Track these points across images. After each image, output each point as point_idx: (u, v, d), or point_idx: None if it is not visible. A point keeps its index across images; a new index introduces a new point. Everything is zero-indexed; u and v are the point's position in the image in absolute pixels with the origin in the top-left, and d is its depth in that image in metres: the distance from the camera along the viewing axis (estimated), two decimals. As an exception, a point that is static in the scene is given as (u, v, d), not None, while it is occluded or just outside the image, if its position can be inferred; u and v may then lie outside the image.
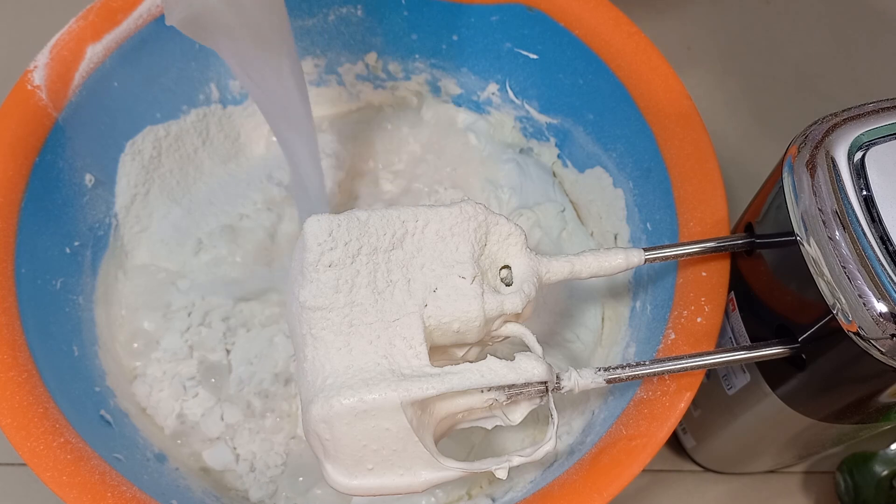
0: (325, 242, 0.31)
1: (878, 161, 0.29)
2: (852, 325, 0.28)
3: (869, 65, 0.60)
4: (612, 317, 0.45)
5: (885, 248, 0.27)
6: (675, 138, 0.40)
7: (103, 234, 0.46)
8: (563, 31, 0.44)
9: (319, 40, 0.49)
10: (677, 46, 0.60)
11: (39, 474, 0.34)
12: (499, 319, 0.33)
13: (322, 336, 0.31)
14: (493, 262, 0.34)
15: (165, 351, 0.45)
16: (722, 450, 0.45)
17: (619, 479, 0.33)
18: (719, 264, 0.37)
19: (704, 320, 0.36)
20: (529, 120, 0.50)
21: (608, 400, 0.38)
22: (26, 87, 0.41)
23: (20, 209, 0.39)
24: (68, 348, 0.41)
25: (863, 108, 0.30)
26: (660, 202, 0.41)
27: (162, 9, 0.44)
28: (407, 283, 0.32)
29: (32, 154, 0.41)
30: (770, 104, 0.59)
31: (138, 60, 0.45)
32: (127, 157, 0.46)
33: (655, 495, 0.48)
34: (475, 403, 0.32)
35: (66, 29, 0.42)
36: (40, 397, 0.36)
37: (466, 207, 0.33)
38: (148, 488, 0.35)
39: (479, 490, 0.42)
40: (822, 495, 0.47)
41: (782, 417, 0.37)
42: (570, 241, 0.47)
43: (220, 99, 0.50)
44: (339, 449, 0.31)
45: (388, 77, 0.51)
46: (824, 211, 0.28)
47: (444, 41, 0.49)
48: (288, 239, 0.49)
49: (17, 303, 0.38)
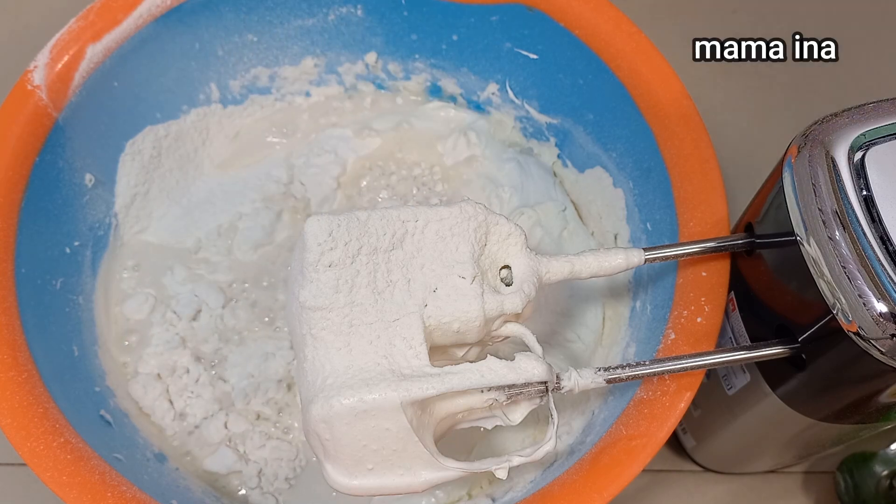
0: (325, 242, 0.31)
1: (878, 161, 0.29)
2: (852, 325, 0.28)
3: (869, 65, 0.60)
4: (613, 317, 0.45)
5: (885, 248, 0.27)
6: (675, 138, 0.40)
7: (103, 233, 0.46)
8: (563, 31, 0.44)
9: (319, 40, 0.49)
10: (677, 46, 0.60)
11: (39, 474, 0.34)
12: (499, 319, 0.33)
13: (322, 336, 0.31)
14: (493, 262, 0.34)
15: (158, 347, 0.44)
16: (722, 450, 0.45)
17: (619, 479, 0.33)
18: (719, 264, 0.37)
19: (704, 320, 0.36)
20: (529, 120, 0.50)
21: (608, 400, 0.38)
22: (26, 87, 0.41)
23: (20, 209, 0.39)
24: (68, 348, 0.41)
25: (863, 108, 0.30)
26: (660, 202, 0.41)
27: (162, 9, 0.44)
28: (407, 283, 0.32)
29: (32, 154, 0.41)
30: (770, 104, 0.59)
31: (138, 60, 0.45)
32: (127, 157, 0.46)
33: (655, 495, 0.48)
34: (475, 403, 0.32)
35: (66, 29, 0.42)
36: (40, 397, 0.36)
37: (466, 207, 0.33)
38: (148, 488, 0.35)
39: (480, 490, 0.42)
40: (822, 495, 0.47)
41: (782, 417, 0.37)
42: (572, 240, 0.47)
43: (221, 99, 0.50)
44: (339, 449, 0.31)
45: (388, 77, 0.51)
46: (824, 211, 0.28)
47: (444, 41, 0.49)
48: (287, 238, 0.49)
49: (17, 303, 0.38)
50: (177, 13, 0.44)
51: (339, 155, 0.51)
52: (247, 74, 0.49)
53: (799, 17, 0.61)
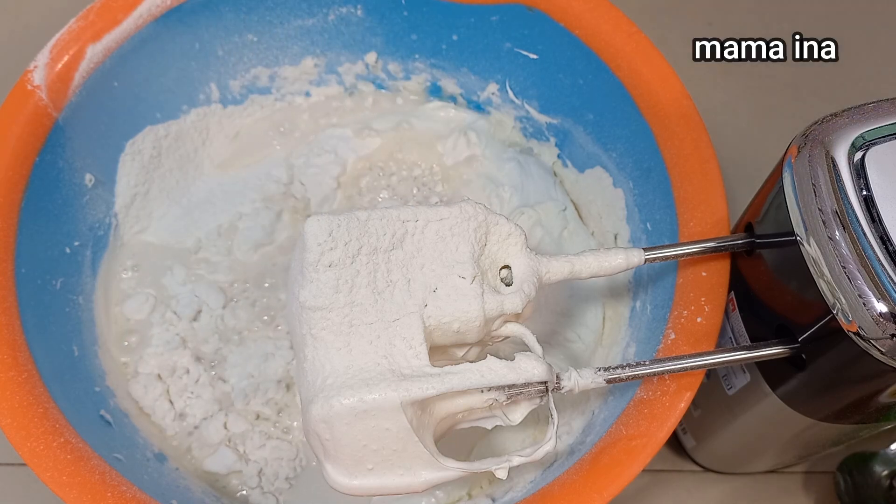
0: (325, 242, 0.31)
1: (878, 161, 0.29)
2: (852, 325, 0.28)
3: (869, 65, 0.60)
4: (613, 317, 0.45)
5: (885, 248, 0.27)
6: (675, 138, 0.40)
7: (103, 233, 0.46)
8: (563, 31, 0.44)
9: (319, 40, 0.49)
10: (677, 46, 0.60)
11: (39, 474, 0.34)
12: (499, 319, 0.33)
13: (322, 336, 0.31)
14: (493, 262, 0.34)
15: (158, 347, 0.44)
16: (722, 450, 0.45)
17: (619, 479, 0.33)
18: (719, 264, 0.37)
19: (704, 320, 0.36)
20: (529, 120, 0.50)
21: (608, 400, 0.38)
22: (26, 87, 0.41)
23: (20, 209, 0.39)
24: (68, 348, 0.41)
25: (863, 108, 0.30)
26: (660, 202, 0.41)
27: (162, 9, 0.44)
28: (407, 283, 0.32)
29: (32, 154, 0.41)
30: (770, 104, 0.59)
31: (138, 60, 0.45)
32: (127, 157, 0.46)
33: (655, 495, 0.48)
34: (475, 403, 0.32)
35: (66, 29, 0.42)
36: (40, 397, 0.36)
37: (466, 207, 0.33)
38: (148, 488, 0.35)
39: (480, 490, 0.42)
40: (822, 495, 0.47)
41: (782, 417, 0.37)
42: (572, 239, 0.47)
43: (221, 99, 0.50)
44: (339, 449, 0.31)
45: (388, 77, 0.51)
46: (824, 211, 0.28)
47: (444, 41, 0.49)
48: (287, 238, 0.49)
49: (17, 303, 0.38)
50: (177, 13, 0.44)
51: (339, 155, 0.51)
52: (247, 74, 0.49)
53: (799, 17, 0.61)
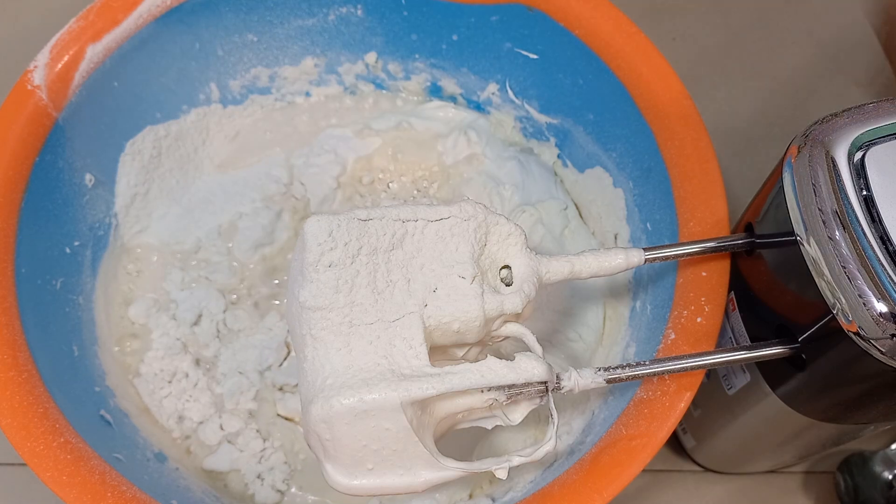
0: (325, 242, 0.31)
1: (878, 161, 0.29)
2: (852, 325, 0.28)
3: (868, 64, 0.60)
4: (613, 316, 0.45)
5: (885, 248, 0.27)
6: (675, 138, 0.40)
7: (103, 233, 0.46)
8: (563, 31, 0.44)
9: (319, 40, 0.49)
10: (677, 46, 0.60)
11: (39, 474, 0.34)
12: (499, 319, 0.33)
13: (322, 336, 0.31)
14: (493, 262, 0.34)
15: (159, 350, 0.45)
16: (722, 450, 0.45)
17: (619, 479, 0.33)
18: (719, 264, 0.37)
19: (704, 320, 0.36)
20: (529, 120, 0.50)
21: (608, 400, 0.38)
22: (26, 87, 0.41)
23: (20, 209, 0.39)
24: (68, 348, 0.41)
25: (863, 108, 0.30)
26: (660, 202, 0.41)
27: (162, 9, 0.44)
28: (407, 283, 0.32)
29: (32, 154, 0.41)
30: (770, 104, 0.59)
31: (138, 60, 0.45)
32: (127, 157, 0.46)
33: (655, 495, 0.48)
34: (475, 403, 0.32)
35: (66, 29, 0.42)
36: (40, 397, 0.36)
37: (466, 207, 0.33)
38: (148, 488, 0.35)
39: (480, 490, 0.42)
40: (822, 495, 0.47)
41: (782, 417, 0.37)
42: (573, 238, 0.47)
43: (221, 99, 0.50)
44: (339, 449, 0.31)
45: (388, 77, 0.51)
46: (824, 211, 0.28)
47: (444, 41, 0.49)
48: (287, 238, 0.49)
49: (17, 303, 0.38)
50: (177, 13, 0.44)
51: (339, 155, 0.51)
52: (247, 74, 0.49)
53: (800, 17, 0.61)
